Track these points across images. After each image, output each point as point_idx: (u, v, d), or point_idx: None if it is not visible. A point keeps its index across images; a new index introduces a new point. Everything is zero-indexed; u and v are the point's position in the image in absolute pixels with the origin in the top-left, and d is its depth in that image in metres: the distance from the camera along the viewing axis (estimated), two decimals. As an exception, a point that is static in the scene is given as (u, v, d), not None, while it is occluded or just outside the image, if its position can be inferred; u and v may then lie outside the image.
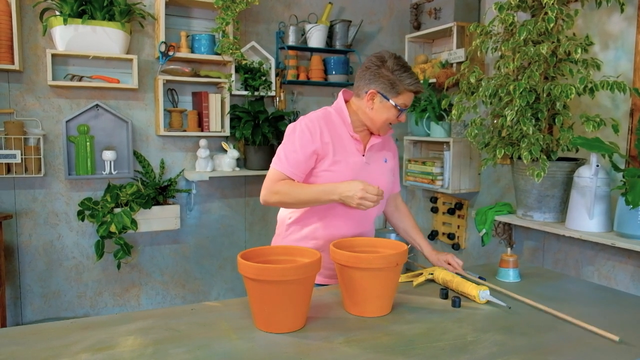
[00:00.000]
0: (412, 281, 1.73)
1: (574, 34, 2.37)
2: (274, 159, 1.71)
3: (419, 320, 1.39)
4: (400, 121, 1.75)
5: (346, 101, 1.80)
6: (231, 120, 3.25)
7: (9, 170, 2.80)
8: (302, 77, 3.48)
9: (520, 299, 1.55)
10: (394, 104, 1.69)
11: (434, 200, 3.65)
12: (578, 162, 2.39)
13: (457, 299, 1.50)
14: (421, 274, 1.75)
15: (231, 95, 3.23)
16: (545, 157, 2.25)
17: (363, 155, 1.76)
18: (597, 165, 2.19)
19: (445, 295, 1.57)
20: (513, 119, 2.28)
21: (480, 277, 1.72)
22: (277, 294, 1.27)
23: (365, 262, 1.38)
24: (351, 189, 1.57)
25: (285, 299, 1.28)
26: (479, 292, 1.52)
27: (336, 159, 1.70)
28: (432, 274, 1.73)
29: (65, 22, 2.75)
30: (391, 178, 1.88)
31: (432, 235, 3.67)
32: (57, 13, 2.81)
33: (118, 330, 1.30)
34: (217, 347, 1.21)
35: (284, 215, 1.84)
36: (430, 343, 1.24)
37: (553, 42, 2.26)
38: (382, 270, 1.39)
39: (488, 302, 1.52)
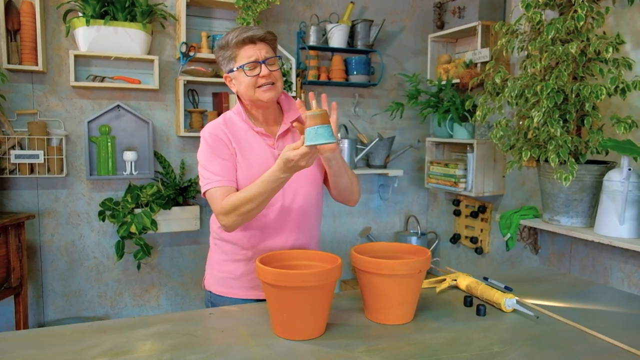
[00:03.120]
0: (434, 287, 1.68)
1: (604, 33, 2.29)
2: (201, 184, 1.61)
3: (443, 329, 1.34)
4: (265, 78, 1.58)
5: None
6: (251, 121, 3.22)
7: (32, 171, 2.83)
8: (323, 78, 3.45)
9: (547, 313, 1.49)
10: (236, 68, 1.60)
11: (456, 203, 3.58)
12: (608, 166, 2.31)
13: (482, 307, 1.45)
14: (444, 279, 1.70)
15: (251, 95, 3.20)
16: (573, 160, 2.18)
17: (274, 148, 1.65)
18: (629, 169, 2.11)
19: (469, 303, 1.52)
20: (540, 120, 2.21)
21: (506, 287, 1.66)
22: (296, 300, 1.24)
23: (387, 269, 1.34)
24: (285, 162, 1.41)
25: (304, 306, 1.25)
26: (505, 300, 1.46)
27: (245, 159, 1.63)
28: (455, 280, 1.68)
29: (87, 23, 2.76)
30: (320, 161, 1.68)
31: (455, 239, 3.60)
32: (80, 14, 2.82)
33: (135, 334, 1.28)
34: (235, 354, 1.18)
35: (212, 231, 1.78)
36: (454, 354, 1.19)
37: (582, 41, 2.19)
38: (405, 277, 1.35)
39: (514, 311, 1.47)
